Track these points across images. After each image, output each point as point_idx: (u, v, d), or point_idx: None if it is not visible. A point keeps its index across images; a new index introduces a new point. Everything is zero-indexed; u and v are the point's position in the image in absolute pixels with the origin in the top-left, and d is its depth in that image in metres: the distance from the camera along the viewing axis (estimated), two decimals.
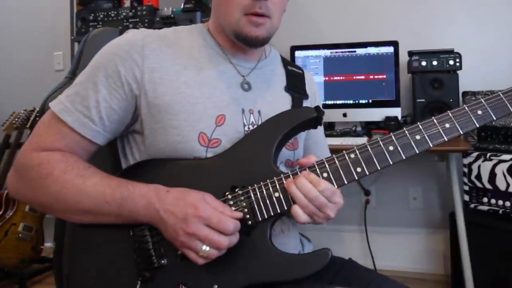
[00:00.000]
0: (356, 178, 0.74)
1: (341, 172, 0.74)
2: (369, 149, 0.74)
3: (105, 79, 0.76)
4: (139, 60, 0.77)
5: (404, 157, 0.74)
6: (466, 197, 1.80)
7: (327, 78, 2.09)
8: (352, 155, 0.74)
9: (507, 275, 1.64)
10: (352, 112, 2.05)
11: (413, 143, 0.73)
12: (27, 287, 2.11)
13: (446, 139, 0.74)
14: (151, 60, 0.78)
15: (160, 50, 0.80)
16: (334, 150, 1.10)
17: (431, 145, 0.74)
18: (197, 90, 0.79)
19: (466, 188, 1.80)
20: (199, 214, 0.67)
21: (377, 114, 2.01)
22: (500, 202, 1.69)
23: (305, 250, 0.91)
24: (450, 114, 0.75)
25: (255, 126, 0.82)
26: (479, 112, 0.74)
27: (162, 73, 0.78)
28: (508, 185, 1.66)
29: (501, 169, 1.67)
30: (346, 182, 0.74)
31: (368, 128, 2.03)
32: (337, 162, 0.74)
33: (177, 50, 0.82)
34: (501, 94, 0.75)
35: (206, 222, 0.67)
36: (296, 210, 0.72)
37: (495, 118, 0.74)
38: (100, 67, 0.77)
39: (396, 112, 1.98)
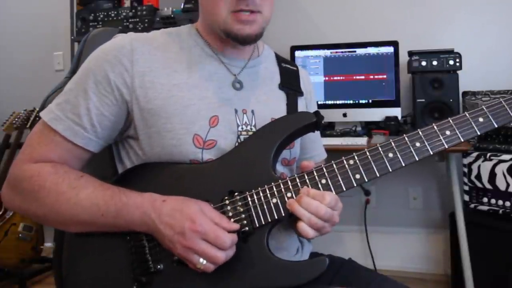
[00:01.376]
0: (355, 185, 0.73)
1: (340, 179, 0.73)
2: (368, 155, 0.73)
3: (95, 86, 0.76)
4: (128, 65, 0.76)
5: (403, 165, 0.73)
6: (466, 197, 1.80)
7: (327, 78, 2.09)
8: (351, 161, 0.74)
9: (507, 275, 1.64)
10: (352, 112, 2.05)
11: (413, 151, 0.73)
12: (27, 287, 2.11)
13: (446, 147, 0.73)
14: (140, 64, 0.77)
15: (150, 53, 0.79)
16: (334, 150, 1.10)
17: (431, 153, 0.73)
18: (189, 92, 0.79)
19: (466, 188, 1.80)
20: (196, 229, 0.67)
21: (377, 114, 2.01)
22: (500, 202, 1.69)
23: (304, 249, 0.91)
24: (451, 121, 0.74)
25: (252, 128, 0.82)
26: (481, 119, 0.73)
27: (152, 77, 0.77)
28: (508, 185, 1.66)
29: (501, 169, 1.67)
30: (344, 189, 0.73)
31: (368, 128, 2.03)
32: (335, 168, 0.74)
33: (166, 52, 0.81)
34: (503, 101, 0.73)
35: (203, 236, 0.67)
36: (304, 228, 0.70)
37: (496, 126, 0.73)
38: (89, 74, 0.76)
39: (396, 112, 1.98)
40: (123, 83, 0.76)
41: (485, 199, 1.73)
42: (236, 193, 0.74)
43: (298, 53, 2.14)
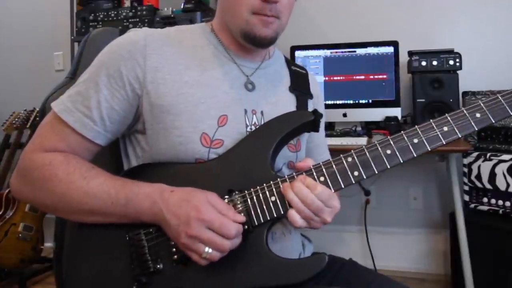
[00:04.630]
0: (353, 182, 0.73)
1: (338, 176, 0.73)
2: (366, 152, 0.73)
3: (107, 79, 0.76)
4: (141, 60, 0.77)
5: (401, 161, 0.73)
6: (466, 197, 1.80)
7: (327, 78, 2.09)
8: (349, 159, 0.74)
9: (507, 275, 1.64)
10: (352, 112, 2.05)
11: (411, 147, 0.73)
12: (27, 287, 2.11)
13: (444, 143, 0.73)
14: (153, 59, 0.77)
15: (163, 49, 0.79)
16: (334, 150, 1.10)
17: (429, 149, 0.73)
18: (199, 90, 0.79)
19: (466, 188, 1.80)
20: (201, 217, 0.67)
21: (377, 114, 2.01)
22: (500, 202, 1.69)
23: (305, 251, 0.91)
24: (448, 117, 0.74)
25: (254, 129, 0.82)
26: (478, 115, 0.73)
27: (164, 73, 0.78)
28: (508, 185, 1.66)
29: (501, 169, 1.67)
30: (343, 186, 0.73)
31: (368, 128, 2.03)
32: (334, 166, 0.74)
33: (180, 49, 0.81)
34: (499, 97, 0.74)
35: (208, 225, 0.67)
36: (293, 214, 0.71)
37: (493, 121, 0.73)
38: (102, 67, 0.77)
39: (396, 112, 1.98)
40: (135, 77, 0.76)
41: (485, 199, 1.73)
42: (235, 192, 0.74)
43: (298, 53, 2.14)
